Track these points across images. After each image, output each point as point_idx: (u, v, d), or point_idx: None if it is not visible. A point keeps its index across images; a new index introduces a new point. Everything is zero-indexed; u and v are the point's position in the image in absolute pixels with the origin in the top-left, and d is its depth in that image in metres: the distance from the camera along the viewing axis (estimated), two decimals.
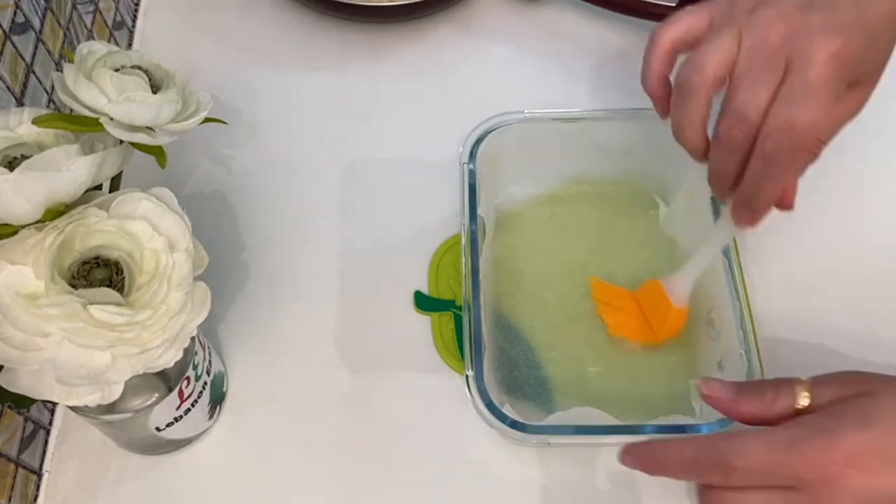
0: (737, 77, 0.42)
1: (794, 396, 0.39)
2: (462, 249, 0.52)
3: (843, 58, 0.40)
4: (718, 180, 0.45)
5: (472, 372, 0.47)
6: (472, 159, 0.55)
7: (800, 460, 0.36)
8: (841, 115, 0.44)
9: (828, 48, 0.40)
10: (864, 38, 0.41)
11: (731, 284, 0.50)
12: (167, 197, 0.41)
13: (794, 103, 0.40)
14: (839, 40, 0.40)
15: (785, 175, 0.43)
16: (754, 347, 0.48)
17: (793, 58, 0.40)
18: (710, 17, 0.44)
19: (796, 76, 0.40)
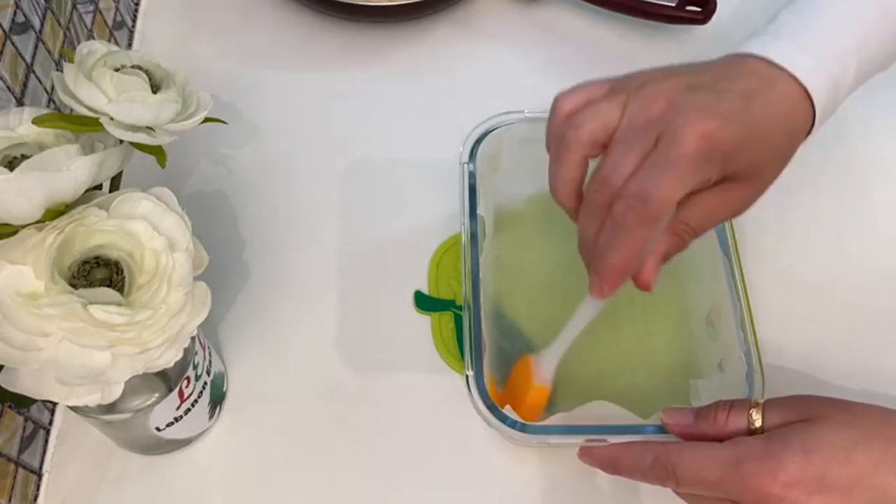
0: (611, 143, 0.41)
1: (747, 418, 0.42)
2: (462, 249, 0.52)
3: (714, 140, 0.39)
4: (582, 245, 0.44)
5: (472, 372, 0.47)
6: (472, 159, 0.55)
7: (742, 482, 0.39)
8: (716, 207, 0.42)
9: (699, 127, 0.39)
10: (743, 129, 0.40)
11: (731, 284, 0.50)
12: (167, 197, 0.41)
13: (651, 173, 0.39)
14: (713, 123, 0.39)
15: (630, 244, 0.41)
16: (754, 347, 0.48)
17: (664, 131, 0.39)
18: (609, 87, 0.43)
19: (662, 148, 0.39)
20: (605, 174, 0.41)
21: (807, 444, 0.39)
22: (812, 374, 0.53)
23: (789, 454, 0.38)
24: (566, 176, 0.43)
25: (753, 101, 0.40)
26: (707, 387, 0.51)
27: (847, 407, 0.41)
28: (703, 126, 0.39)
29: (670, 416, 0.45)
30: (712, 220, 0.44)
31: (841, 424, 0.39)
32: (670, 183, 0.39)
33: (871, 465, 0.38)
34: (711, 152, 0.39)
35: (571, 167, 0.42)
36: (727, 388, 0.49)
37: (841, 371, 0.53)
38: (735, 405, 0.42)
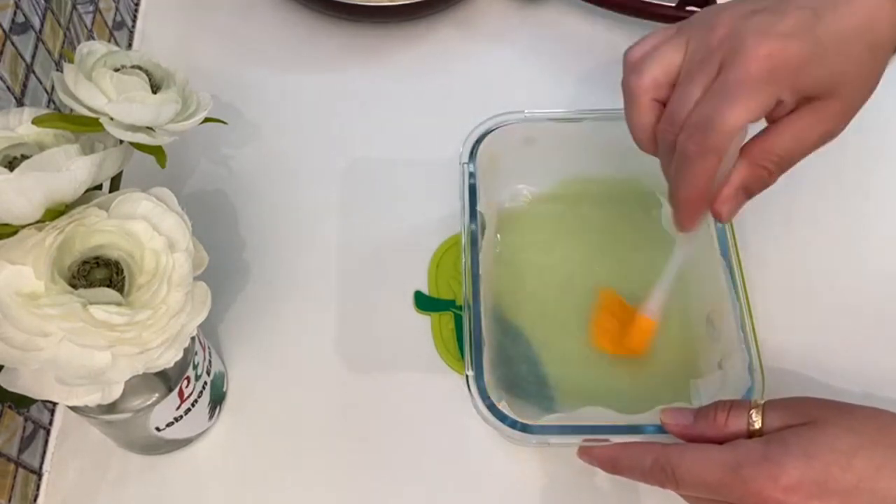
0: (678, 81, 0.41)
1: (747, 419, 0.41)
2: (462, 249, 0.52)
3: (777, 60, 0.38)
4: (667, 183, 0.44)
5: (472, 372, 0.47)
6: (472, 159, 0.55)
7: (743, 486, 0.38)
8: (801, 131, 0.42)
9: (759, 49, 0.38)
10: (808, 45, 0.39)
11: (730, 284, 0.50)
12: (167, 197, 0.41)
13: (714, 100, 0.39)
14: (774, 43, 0.38)
15: (696, 174, 0.41)
16: (754, 347, 0.48)
17: (725, 58, 0.39)
18: (676, 30, 0.43)
19: (722, 75, 0.39)
20: (670, 110, 0.41)
21: (808, 449, 0.38)
22: (812, 375, 0.53)
23: (790, 458, 0.38)
24: (637, 122, 0.43)
25: (822, 15, 0.39)
26: (707, 386, 0.51)
27: (849, 411, 0.40)
28: (764, 47, 0.38)
29: (669, 417, 0.44)
30: (801, 147, 0.42)
31: (842, 429, 0.39)
32: (731, 108, 0.39)
33: (873, 471, 0.37)
34: (775, 73, 0.39)
35: (641, 113, 0.43)
36: (727, 387, 0.49)
37: (841, 372, 0.53)
38: (735, 406, 0.42)
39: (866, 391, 0.53)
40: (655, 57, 0.42)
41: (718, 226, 0.52)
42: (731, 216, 0.44)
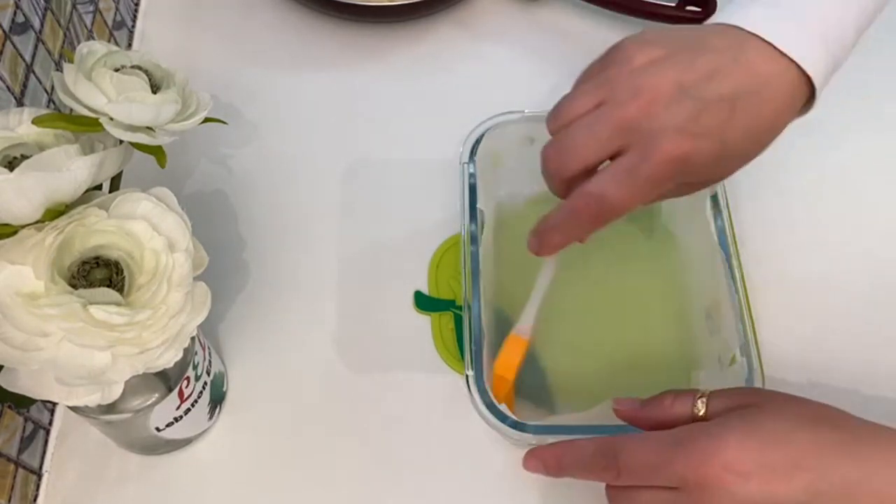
0: (581, 122, 0.41)
1: (692, 404, 0.42)
2: (462, 249, 0.52)
3: (684, 163, 0.40)
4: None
5: (472, 372, 0.47)
6: (472, 159, 0.55)
7: (682, 461, 0.38)
8: (654, 198, 0.43)
9: (672, 149, 0.39)
10: (718, 147, 0.40)
11: (729, 279, 0.50)
12: (167, 197, 0.41)
13: (615, 180, 0.40)
14: (687, 145, 0.39)
15: (577, 233, 0.43)
16: (753, 342, 0.48)
17: (638, 142, 0.40)
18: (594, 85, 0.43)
19: (630, 158, 0.40)
20: (565, 148, 0.41)
21: (748, 427, 0.38)
22: (812, 373, 0.53)
23: (731, 433, 0.38)
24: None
25: (738, 108, 0.40)
26: (707, 381, 0.51)
27: (791, 397, 0.41)
28: (677, 148, 0.39)
29: (619, 402, 0.45)
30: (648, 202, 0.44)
31: (784, 410, 0.39)
32: (631, 196, 0.40)
33: (812, 447, 0.37)
34: (677, 173, 0.40)
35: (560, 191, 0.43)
36: (727, 382, 0.48)
37: (840, 371, 0.53)
38: (682, 393, 0.43)
39: (866, 391, 0.53)
40: (575, 148, 0.42)
41: (718, 222, 0.52)
42: None
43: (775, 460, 0.37)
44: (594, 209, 0.41)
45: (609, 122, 0.40)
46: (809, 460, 0.37)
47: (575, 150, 0.41)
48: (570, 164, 0.41)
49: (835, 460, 0.37)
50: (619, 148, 0.40)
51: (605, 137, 0.40)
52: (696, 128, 0.39)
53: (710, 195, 0.53)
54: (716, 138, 0.40)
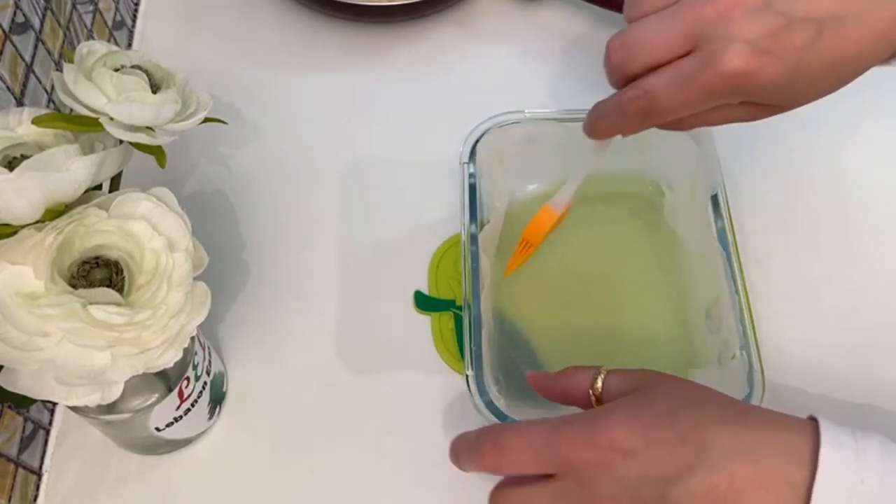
0: (654, 17, 0.39)
1: (592, 380, 0.42)
2: (462, 249, 0.52)
3: (748, 80, 0.37)
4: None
5: (472, 372, 0.47)
6: (472, 159, 0.55)
7: (565, 441, 0.38)
8: (725, 117, 0.41)
9: (738, 62, 0.37)
10: (788, 71, 0.38)
11: (730, 278, 0.50)
12: (167, 197, 0.41)
13: (672, 81, 0.39)
14: (754, 62, 0.37)
15: (622, 126, 0.42)
16: (753, 342, 0.49)
17: (705, 45, 0.38)
18: None
19: (693, 61, 0.38)
20: (632, 42, 0.40)
21: (635, 409, 0.38)
22: (811, 373, 0.53)
23: (616, 415, 0.38)
24: None
25: (826, 32, 0.37)
26: (706, 379, 0.51)
27: (681, 380, 0.41)
28: (743, 62, 0.37)
29: (532, 375, 0.46)
30: (713, 123, 0.42)
31: (672, 391, 0.39)
32: (685, 100, 0.39)
33: (695, 423, 0.37)
34: (741, 89, 0.38)
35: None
36: (726, 380, 0.49)
37: (840, 370, 0.53)
38: (586, 367, 0.43)
39: (866, 390, 0.53)
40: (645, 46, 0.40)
41: (718, 223, 0.52)
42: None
43: (660, 438, 0.37)
44: (643, 105, 0.40)
45: (683, 21, 0.38)
46: (693, 436, 0.37)
47: (642, 46, 0.39)
48: (636, 60, 0.39)
49: (716, 435, 0.37)
50: (689, 50, 0.38)
51: (676, 37, 0.38)
52: (771, 44, 0.37)
53: (711, 195, 0.53)
54: (790, 61, 0.37)
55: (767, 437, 0.37)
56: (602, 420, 0.38)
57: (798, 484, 0.35)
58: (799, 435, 0.36)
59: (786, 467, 0.35)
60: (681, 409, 0.38)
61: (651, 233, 0.58)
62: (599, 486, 0.37)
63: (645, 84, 0.39)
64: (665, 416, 0.38)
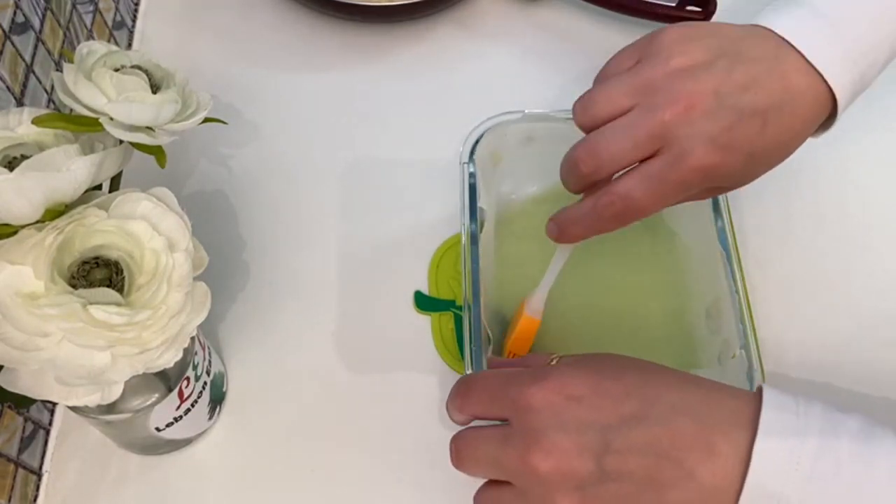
0: (617, 124, 0.42)
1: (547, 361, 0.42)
2: (462, 249, 0.52)
3: (713, 172, 0.41)
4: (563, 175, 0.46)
5: (472, 372, 0.47)
6: (472, 159, 0.55)
7: (517, 387, 0.39)
8: (678, 202, 0.44)
9: (703, 159, 0.41)
10: (744, 160, 0.42)
11: (730, 278, 0.50)
12: (167, 197, 0.41)
13: (643, 183, 0.42)
14: (717, 157, 0.41)
15: (598, 228, 0.45)
16: (753, 342, 0.49)
17: (670, 148, 0.41)
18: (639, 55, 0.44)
19: (660, 163, 0.41)
20: (600, 151, 0.42)
21: (584, 364, 0.40)
22: (811, 373, 0.53)
23: (566, 367, 0.40)
24: None
25: (769, 121, 0.41)
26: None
27: (626, 356, 0.42)
28: (708, 158, 0.41)
29: (493, 360, 0.49)
30: (674, 204, 0.45)
31: (620, 359, 0.41)
32: (657, 199, 0.42)
33: (642, 381, 0.39)
34: (703, 181, 0.42)
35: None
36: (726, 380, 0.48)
37: (841, 370, 0.53)
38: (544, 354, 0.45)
39: (866, 390, 0.53)
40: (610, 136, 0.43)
41: (719, 223, 0.52)
42: None
43: (607, 388, 0.38)
44: (619, 209, 0.43)
45: (646, 126, 0.41)
46: (639, 392, 0.38)
47: (610, 154, 0.42)
48: (605, 167, 0.42)
49: (662, 392, 0.38)
50: (654, 151, 0.41)
51: (642, 142, 0.41)
52: (728, 139, 0.41)
53: None
54: (745, 150, 0.41)
55: (713, 399, 0.38)
56: (553, 370, 0.40)
57: (740, 443, 0.36)
58: (744, 400, 0.38)
59: (729, 427, 0.36)
60: (629, 369, 0.40)
61: (651, 233, 0.57)
62: (543, 428, 0.38)
63: (619, 189, 0.42)
64: (613, 371, 0.40)
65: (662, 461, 0.36)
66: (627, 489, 0.36)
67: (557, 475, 0.37)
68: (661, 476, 0.36)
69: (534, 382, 0.39)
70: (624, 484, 0.37)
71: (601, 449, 0.37)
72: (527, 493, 0.38)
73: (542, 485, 0.37)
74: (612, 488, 0.36)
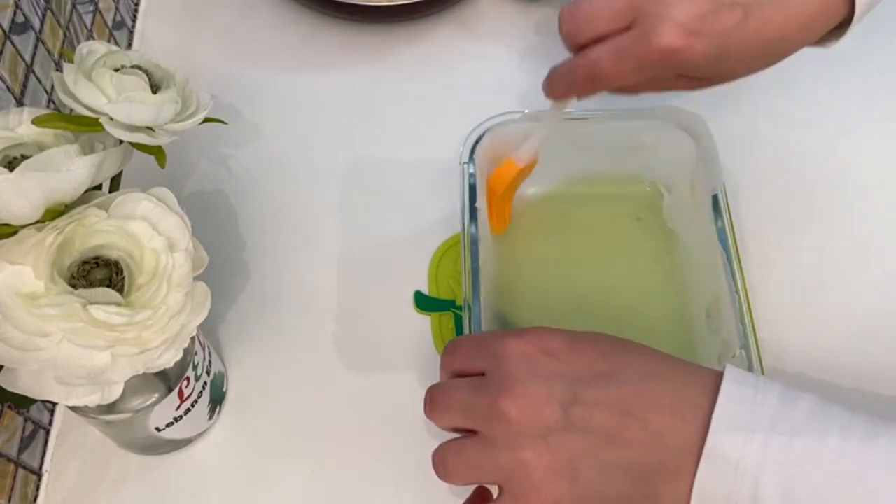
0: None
1: None
2: (462, 249, 0.52)
3: (675, 56, 0.41)
4: None
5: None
6: (472, 159, 0.55)
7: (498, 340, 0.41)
8: (648, 82, 0.45)
9: (667, 40, 0.41)
10: (714, 50, 0.41)
11: (730, 278, 0.50)
12: (167, 197, 0.41)
13: (610, 55, 0.43)
14: (682, 41, 0.41)
15: (574, 87, 0.46)
16: (753, 341, 0.48)
17: (640, 22, 0.41)
18: None
19: (630, 37, 0.42)
20: (581, 14, 0.43)
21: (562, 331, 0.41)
22: (811, 373, 0.53)
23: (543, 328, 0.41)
24: None
25: (751, 15, 0.41)
26: None
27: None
28: (672, 41, 0.41)
29: None
30: (656, 91, 0.47)
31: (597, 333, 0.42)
32: (623, 71, 0.43)
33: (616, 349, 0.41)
34: (671, 64, 0.42)
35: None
36: None
37: (841, 370, 0.53)
38: None
39: (867, 390, 0.53)
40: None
41: (719, 223, 0.52)
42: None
43: (583, 349, 0.40)
44: (587, 73, 0.44)
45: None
46: (612, 356, 0.40)
47: (588, 19, 0.43)
48: (584, 31, 0.43)
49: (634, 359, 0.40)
50: (629, 24, 0.42)
51: (619, 11, 0.42)
52: (699, 25, 0.41)
53: (712, 195, 0.53)
54: (717, 41, 0.41)
55: (681, 371, 0.40)
56: (533, 329, 0.41)
57: (703, 410, 0.37)
58: (711, 375, 0.39)
59: (694, 395, 0.38)
60: (606, 338, 0.42)
61: (651, 233, 0.58)
62: (517, 376, 0.39)
63: (590, 54, 0.43)
64: (591, 336, 0.41)
65: (627, 418, 0.38)
66: (591, 441, 0.38)
67: (525, 420, 0.38)
68: (625, 433, 0.38)
69: (515, 335, 0.41)
70: (588, 436, 0.38)
71: (569, 400, 0.38)
72: (492, 439, 0.39)
73: (508, 430, 0.38)
74: (576, 439, 0.38)
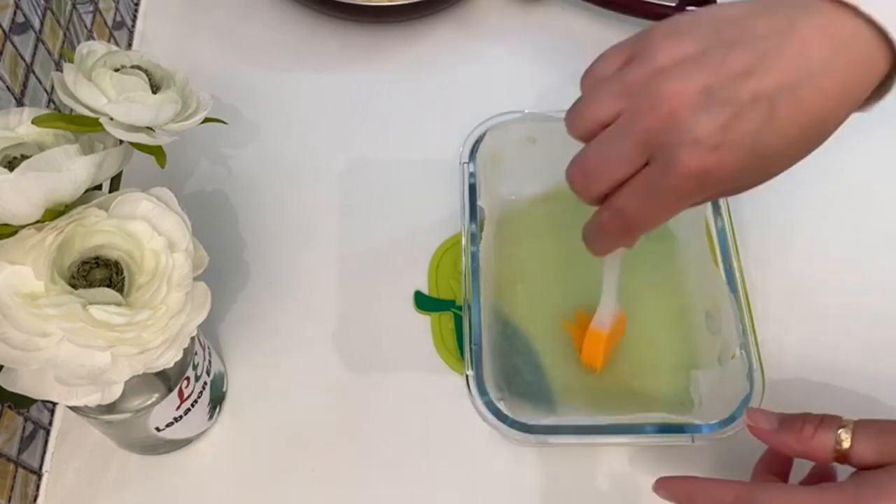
0: (605, 132, 0.39)
1: (835, 437, 0.39)
2: (462, 249, 0.52)
3: (706, 178, 0.36)
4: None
5: (472, 372, 0.48)
6: (472, 159, 0.55)
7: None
8: (683, 209, 0.40)
9: (695, 163, 0.36)
10: (745, 155, 0.36)
11: (730, 279, 0.50)
12: (167, 197, 0.41)
13: (638, 196, 0.38)
14: (709, 160, 0.36)
15: (610, 244, 0.43)
16: (753, 342, 0.49)
17: (659, 154, 0.37)
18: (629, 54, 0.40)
19: (652, 172, 0.37)
20: (590, 167, 0.39)
21: None
22: (812, 374, 0.53)
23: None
24: None
25: (780, 108, 0.36)
26: (707, 379, 0.51)
27: None
28: (697, 163, 0.36)
29: (754, 419, 0.42)
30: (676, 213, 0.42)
31: None
32: (652, 212, 0.39)
33: None
34: (707, 185, 0.37)
35: None
36: (727, 381, 0.49)
37: (841, 371, 0.53)
38: (825, 420, 0.40)
39: (867, 390, 0.53)
40: (593, 109, 0.40)
41: (719, 223, 0.53)
42: None
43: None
44: (620, 224, 0.40)
45: (630, 136, 0.37)
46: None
47: (599, 171, 0.39)
48: (598, 184, 0.39)
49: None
50: (645, 161, 0.38)
51: (628, 153, 0.37)
52: (721, 137, 0.36)
53: None
54: (746, 146, 0.36)
55: None
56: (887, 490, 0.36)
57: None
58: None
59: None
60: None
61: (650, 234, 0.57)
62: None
63: (614, 203, 0.39)
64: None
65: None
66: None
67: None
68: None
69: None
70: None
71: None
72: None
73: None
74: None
